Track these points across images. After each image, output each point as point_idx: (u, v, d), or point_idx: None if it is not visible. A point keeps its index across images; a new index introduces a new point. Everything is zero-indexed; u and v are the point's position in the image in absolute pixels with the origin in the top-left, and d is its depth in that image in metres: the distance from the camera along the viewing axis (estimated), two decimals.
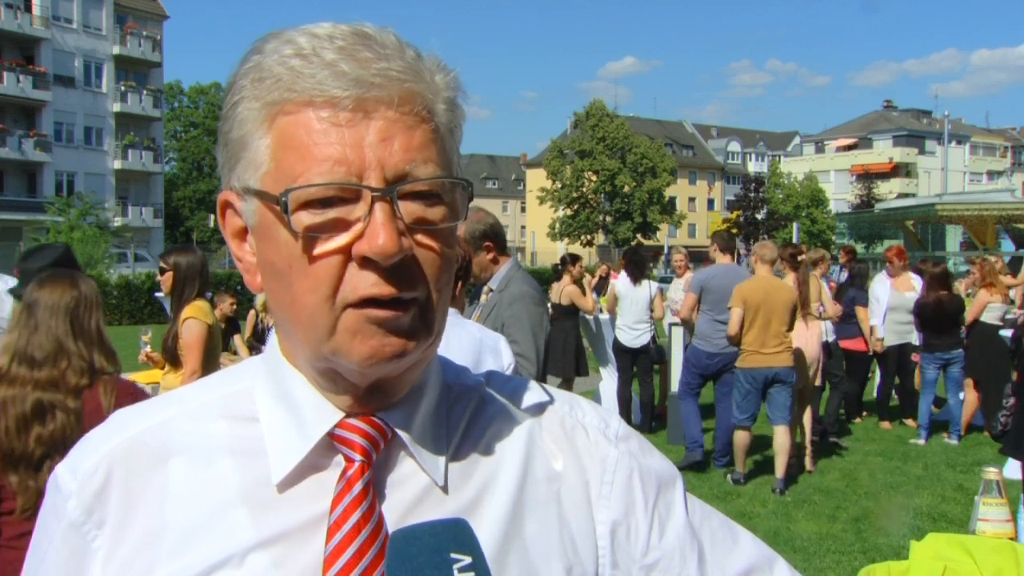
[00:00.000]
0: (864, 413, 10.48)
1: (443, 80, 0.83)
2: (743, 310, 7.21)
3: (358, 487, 0.81)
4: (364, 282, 0.77)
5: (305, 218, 0.77)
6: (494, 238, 3.85)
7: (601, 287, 13.62)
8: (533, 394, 0.95)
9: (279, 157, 0.79)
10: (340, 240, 0.77)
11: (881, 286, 9.79)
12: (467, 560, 0.72)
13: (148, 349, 5.77)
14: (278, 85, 0.79)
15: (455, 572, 0.71)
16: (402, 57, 0.80)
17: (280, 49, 0.79)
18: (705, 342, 8.02)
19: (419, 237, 0.79)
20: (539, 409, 0.94)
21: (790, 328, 7.31)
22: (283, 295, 0.81)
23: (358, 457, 0.83)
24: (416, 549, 0.73)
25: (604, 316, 10.77)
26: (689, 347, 8.48)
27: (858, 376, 10.22)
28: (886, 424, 9.95)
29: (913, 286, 9.68)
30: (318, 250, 0.77)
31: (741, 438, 7.52)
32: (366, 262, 0.77)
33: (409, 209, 0.79)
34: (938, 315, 9.03)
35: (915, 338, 9.63)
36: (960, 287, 10.98)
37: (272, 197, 0.78)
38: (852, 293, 10.00)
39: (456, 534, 0.74)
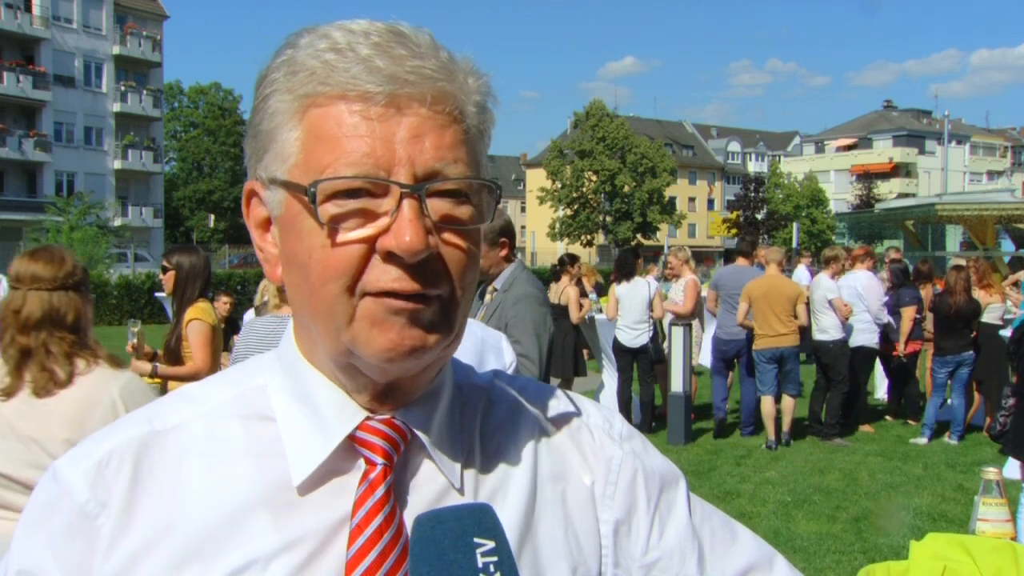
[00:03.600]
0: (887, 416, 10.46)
1: (475, 83, 0.83)
2: (749, 303, 8.95)
3: (380, 490, 0.81)
4: (386, 276, 0.77)
5: (331, 209, 0.77)
6: (510, 235, 3.94)
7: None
8: (539, 394, 0.96)
9: (309, 149, 0.79)
10: (364, 231, 0.77)
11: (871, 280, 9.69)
12: (490, 545, 0.73)
13: (135, 341, 5.52)
14: (312, 78, 0.78)
15: (478, 556, 0.72)
16: (436, 56, 0.80)
17: (315, 43, 0.79)
18: (721, 331, 9.68)
19: (446, 236, 0.79)
20: (545, 409, 0.94)
21: (795, 316, 8.85)
22: (303, 286, 0.81)
23: (380, 460, 0.82)
24: (440, 533, 0.73)
25: (600, 316, 10.76)
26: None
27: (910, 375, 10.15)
28: (867, 428, 9.88)
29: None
30: (341, 239, 0.77)
31: (767, 404, 8.95)
32: (390, 257, 0.76)
33: (437, 207, 0.78)
34: (954, 316, 9.00)
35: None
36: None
37: (300, 187, 0.78)
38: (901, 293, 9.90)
39: (480, 519, 0.75)
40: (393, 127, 0.77)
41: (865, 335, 9.59)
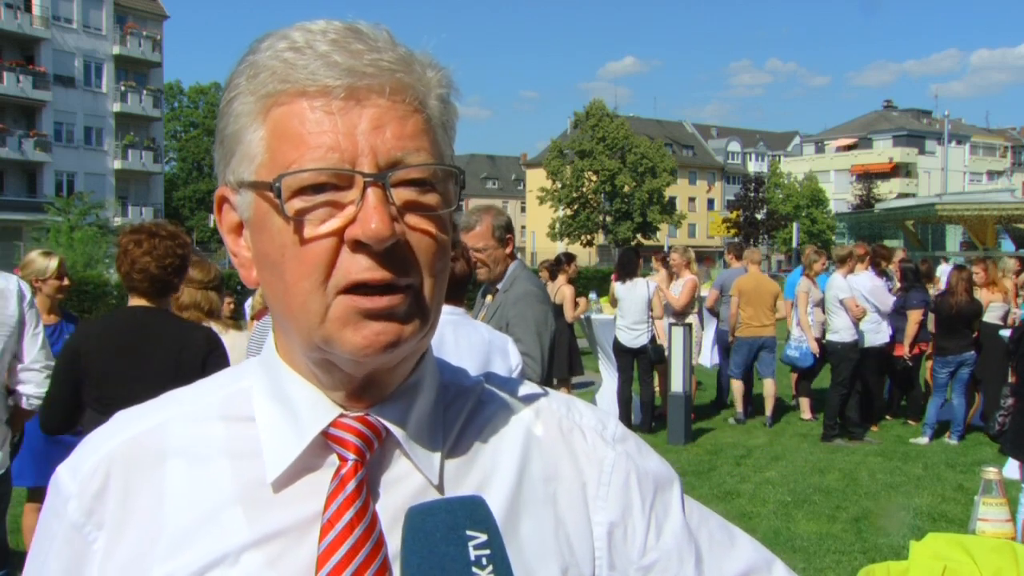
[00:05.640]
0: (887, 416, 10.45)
1: (435, 76, 0.84)
2: (739, 297, 10.10)
3: (351, 486, 0.81)
4: (356, 266, 0.77)
5: (298, 204, 0.78)
6: (512, 232, 4.00)
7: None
8: (530, 395, 0.95)
9: (273, 147, 0.80)
10: (332, 224, 0.77)
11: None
12: (483, 537, 0.73)
13: None
14: (272, 78, 0.79)
15: (470, 548, 0.72)
16: (393, 50, 0.81)
17: (275, 45, 0.80)
18: (726, 325, 10.56)
19: (412, 221, 0.79)
20: (536, 410, 0.94)
21: (774, 310, 10.14)
22: (277, 284, 0.81)
23: (351, 456, 0.82)
24: (432, 525, 0.73)
25: (601, 316, 10.76)
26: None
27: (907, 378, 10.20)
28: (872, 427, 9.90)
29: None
30: (309, 233, 0.78)
31: (737, 386, 10.32)
32: (358, 246, 0.77)
33: (402, 195, 0.79)
34: (955, 316, 8.97)
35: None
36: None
37: (265, 185, 0.79)
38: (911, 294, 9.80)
39: (472, 511, 0.75)
40: (354, 119, 0.78)
41: (872, 336, 9.51)
